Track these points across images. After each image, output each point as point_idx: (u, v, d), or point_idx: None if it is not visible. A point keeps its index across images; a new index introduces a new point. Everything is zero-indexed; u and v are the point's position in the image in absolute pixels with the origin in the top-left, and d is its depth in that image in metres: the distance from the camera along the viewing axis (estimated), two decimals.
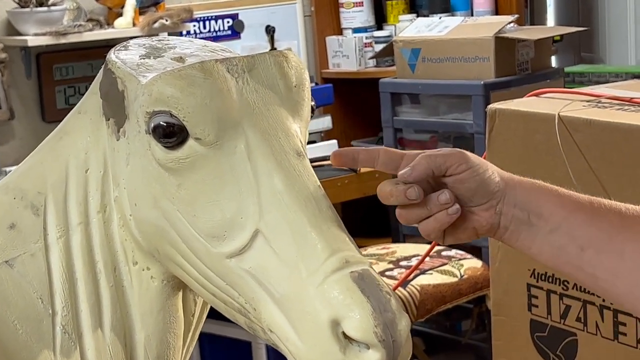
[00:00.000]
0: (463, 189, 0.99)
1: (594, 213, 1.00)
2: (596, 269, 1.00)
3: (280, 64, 1.02)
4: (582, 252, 1.00)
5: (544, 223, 1.00)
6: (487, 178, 0.99)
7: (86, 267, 1.06)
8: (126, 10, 3.40)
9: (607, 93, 1.84)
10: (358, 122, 4.13)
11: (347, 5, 4.09)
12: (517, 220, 1.00)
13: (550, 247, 1.01)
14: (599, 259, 0.99)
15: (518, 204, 1.00)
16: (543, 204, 1.00)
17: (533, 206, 1.00)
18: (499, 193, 0.99)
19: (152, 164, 1.00)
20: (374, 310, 0.90)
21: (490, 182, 0.99)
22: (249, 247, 0.96)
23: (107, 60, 1.06)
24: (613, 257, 0.99)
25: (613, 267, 0.99)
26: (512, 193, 1.00)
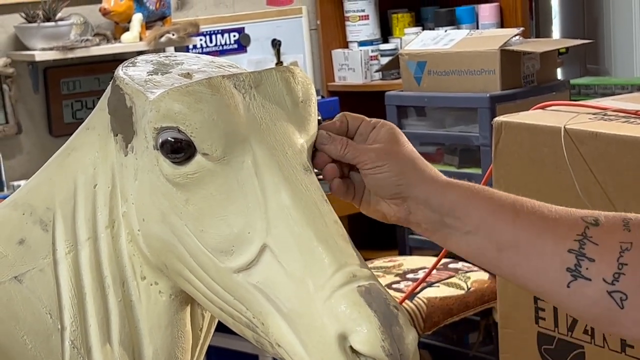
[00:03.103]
0: (366, 180, 1.05)
1: (515, 215, 1.03)
2: (515, 268, 1.03)
3: (287, 79, 1.03)
4: (500, 253, 1.03)
5: (460, 225, 1.03)
6: (389, 179, 1.04)
7: (95, 282, 1.07)
8: (133, 24, 3.42)
9: (613, 105, 1.84)
10: None
11: (352, 19, 4.10)
12: (430, 220, 1.04)
13: (467, 247, 1.04)
14: (517, 260, 1.02)
15: (431, 206, 1.03)
16: (461, 206, 1.03)
17: (449, 208, 1.03)
18: (401, 194, 1.04)
19: (160, 180, 1.00)
20: (381, 325, 0.90)
21: (390, 183, 1.04)
22: (256, 261, 0.96)
23: (115, 76, 1.07)
24: (532, 258, 1.02)
25: (532, 267, 1.02)
26: (426, 195, 1.03)
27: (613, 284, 0.99)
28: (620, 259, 0.99)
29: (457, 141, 3.26)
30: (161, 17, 3.53)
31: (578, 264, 1.00)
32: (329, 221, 0.97)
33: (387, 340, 0.90)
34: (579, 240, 1.00)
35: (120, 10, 3.40)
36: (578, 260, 1.00)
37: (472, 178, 2.88)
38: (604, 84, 3.99)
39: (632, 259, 0.99)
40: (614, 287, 0.99)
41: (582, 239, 1.00)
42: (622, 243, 1.00)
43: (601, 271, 1.00)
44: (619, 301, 0.99)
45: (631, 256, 0.99)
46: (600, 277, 0.99)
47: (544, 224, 1.02)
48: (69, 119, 3.50)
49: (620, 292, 0.99)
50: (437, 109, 3.29)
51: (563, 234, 1.01)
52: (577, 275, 1.00)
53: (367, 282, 0.93)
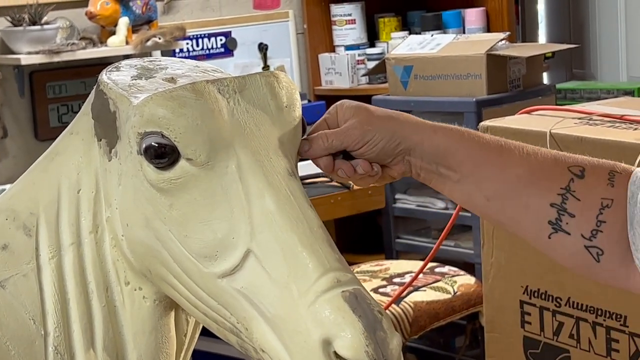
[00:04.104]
0: (368, 156, 1.06)
1: (502, 166, 1.06)
2: (501, 217, 1.08)
3: (271, 84, 1.03)
4: (488, 201, 1.07)
5: (452, 173, 1.07)
6: (385, 146, 1.05)
7: (78, 288, 1.06)
8: (119, 28, 3.41)
9: (599, 110, 1.85)
10: None
11: (339, 23, 4.11)
12: (426, 170, 1.07)
13: (459, 194, 1.08)
14: (503, 209, 1.06)
15: (425, 158, 1.06)
16: (451, 155, 1.06)
17: (441, 159, 1.06)
18: (402, 151, 1.06)
19: (144, 185, 1.00)
20: (366, 330, 0.90)
21: (389, 148, 1.06)
22: (240, 267, 0.96)
23: (99, 81, 1.06)
24: (517, 209, 1.06)
25: (517, 217, 1.06)
26: (420, 148, 1.06)
27: (590, 239, 1.03)
28: (600, 216, 1.03)
29: None
30: (147, 20, 3.52)
31: (559, 218, 1.04)
32: (314, 226, 0.97)
33: (371, 345, 0.90)
34: (562, 195, 1.04)
35: (107, 14, 3.39)
36: (559, 214, 1.03)
37: None
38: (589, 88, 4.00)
39: (611, 216, 1.02)
40: (591, 242, 1.03)
41: (565, 193, 1.04)
42: (603, 199, 1.03)
43: (580, 227, 1.03)
44: (596, 255, 1.03)
45: (610, 213, 1.02)
46: (579, 233, 1.03)
47: (530, 176, 1.05)
48: (55, 123, 3.49)
49: (596, 248, 1.03)
50: (423, 113, 3.29)
51: (547, 187, 1.04)
52: (557, 229, 1.04)
53: (351, 287, 0.93)
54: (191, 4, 3.88)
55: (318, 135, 1.06)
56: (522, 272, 1.85)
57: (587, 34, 4.77)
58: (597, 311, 1.73)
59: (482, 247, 1.92)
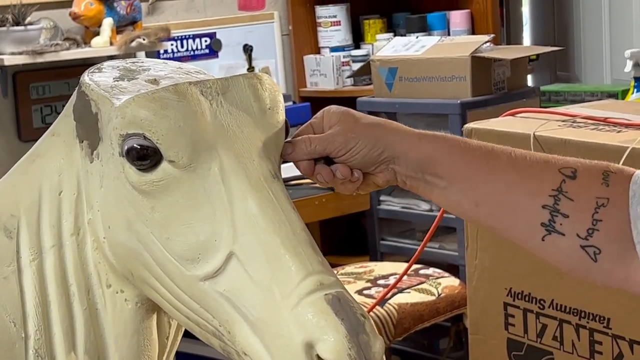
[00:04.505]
0: (351, 163, 1.05)
1: (490, 171, 1.04)
2: (491, 222, 1.06)
3: (255, 86, 1.03)
4: (477, 207, 1.05)
5: (439, 180, 1.05)
6: (367, 154, 1.04)
7: (59, 290, 1.06)
8: (103, 29, 3.39)
9: (583, 113, 1.85)
10: None
11: (324, 24, 4.10)
12: (412, 178, 1.06)
13: (446, 201, 1.07)
14: (493, 215, 1.05)
15: (411, 166, 1.05)
16: (438, 163, 1.05)
17: (427, 167, 1.05)
18: (386, 159, 1.05)
19: (126, 187, 1.00)
20: (348, 333, 0.90)
21: (372, 156, 1.05)
22: (222, 269, 0.96)
23: (81, 82, 1.06)
24: (508, 214, 1.04)
25: (508, 221, 1.04)
26: (404, 156, 1.05)
27: (587, 239, 1.00)
28: (595, 215, 1.00)
29: None
30: (132, 21, 3.51)
31: (552, 220, 1.01)
32: (297, 229, 0.96)
33: (353, 348, 0.90)
34: (554, 196, 1.01)
35: (91, 15, 3.38)
36: (552, 216, 1.01)
37: None
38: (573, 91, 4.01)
39: (607, 215, 1.00)
40: (588, 242, 1.00)
41: (557, 195, 1.01)
42: (598, 198, 1.01)
43: (575, 227, 1.01)
44: (593, 255, 1.00)
45: (606, 212, 1.00)
46: (574, 233, 1.01)
47: (520, 179, 1.03)
48: (38, 124, 3.48)
49: (593, 247, 1.00)
50: (408, 115, 3.30)
51: (537, 189, 1.02)
52: (550, 230, 1.01)
53: (334, 290, 0.92)
54: (176, 4, 3.87)
55: (302, 139, 1.06)
56: (506, 274, 1.86)
57: (572, 37, 4.78)
58: (581, 313, 1.74)
59: (466, 249, 1.92)
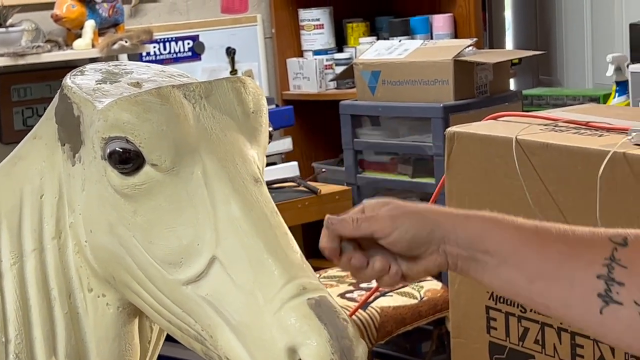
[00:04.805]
0: (397, 248, 1.01)
1: (541, 244, 1.02)
2: (547, 299, 1.02)
3: (238, 89, 1.02)
4: (531, 284, 1.01)
5: (490, 258, 1.01)
6: (416, 233, 1.01)
7: (40, 294, 1.05)
8: (85, 31, 3.38)
9: (565, 117, 1.86)
10: (319, 143, 4.13)
11: (307, 28, 4.10)
12: (463, 258, 1.02)
13: (499, 281, 1.03)
14: (548, 290, 1.01)
15: (461, 244, 1.02)
16: (488, 240, 1.02)
17: (477, 244, 1.02)
18: (436, 239, 1.01)
19: (108, 190, 0.99)
20: (331, 338, 0.90)
21: (421, 236, 1.01)
22: (205, 273, 0.95)
23: (63, 85, 1.05)
24: (563, 287, 1.00)
25: (564, 296, 1.01)
26: (454, 234, 1.02)
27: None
28: None
29: (410, 151, 3.27)
30: (114, 24, 3.49)
31: (608, 289, 0.98)
32: (279, 233, 0.96)
33: (336, 353, 0.90)
34: (607, 265, 0.99)
35: (73, 17, 3.36)
36: (608, 285, 0.98)
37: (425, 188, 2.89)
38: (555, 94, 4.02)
39: None
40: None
41: (610, 263, 0.99)
42: None
43: (632, 294, 0.98)
44: None
45: None
46: (632, 300, 0.98)
47: (570, 250, 1.01)
48: (20, 126, 3.46)
49: None
50: (391, 118, 3.30)
51: (590, 259, 1.00)
52: (608, 301, 0.98)
53: (317, 295, 0.92)
54: (158, 7, 3.86)
55: (347, 217, 1.02)
56: None
57: (554, 41, 4.80)
58: None
59: None
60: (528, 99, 3.90)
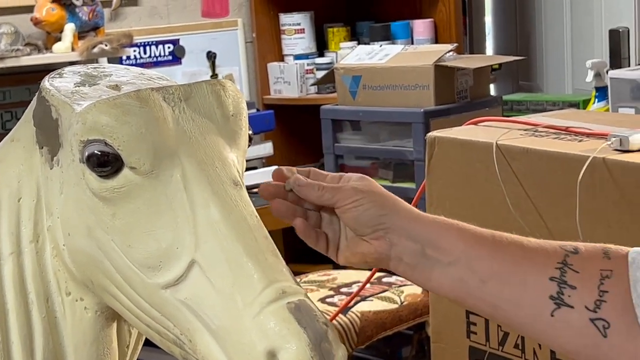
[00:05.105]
0: (347, 216, 1.03)
1: (495, 246, 1.02)
2: (498, 299, 1.02)
3: (218, 92, 1.02)
4: (484, 284, 1.01)
5: (442, 256, 1.02)
6: (371, 212, 1.02)
7: (18, 298, 1.04)
8: (65, 34, 3.37)
9: (544, 122, 1.86)
10: (299, 148, 4.13)
11: (288, 32, 4.10)
12: (411, 252, 1.02)
13: (450, 280, 1.03)
14: (500, 290, 1.01)
15: (412, 237, 1.02)
16: (441, 237, 1.02)
17: (430, 239, 1.02)
18: (385, 225, 1.02)
19: (86, 193, 0.98)
20: (311, 341, 0.89)
21: (374, 215, 1.02)
22: (184, 277, 0.95)
23: (41, 87, 1.04)
24: (515, 288, 1.01)
25: (516, 297, 1.01)
26: (408, 227, 1.02)
27: (595, 311, 0.98)
28: (601, 287, 0.98)
29: (391, 155, 3.27)
30: (94, 27, 3.48)
31: (560, 292, 0.99)
32: (259, 236, 0.96)
33: (316, 357, 0.89)
34: (559, 268, 1.00)
35: (52, 20, 3.35)
36: (560, 288, 0.99)
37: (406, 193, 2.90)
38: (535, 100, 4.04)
39: (613, 286, 0.98)
40: (596, 314, 0.98)
41: (562, 267, 1.00)
42: (602, 271, 0.99)
43: (583, 299, 0.98)
44: (602, 329, 0.98)
45: (612, 284, 0.98)
46: (583, 305, 0.98)
47: (524, 253, 1.02)
48: None
49: (602, 320, 0.98)
50: (371, 123, 3.30)
51: (544, 262, 1.01)
52: (560, 303, 0.99)
53: (297, 299, 0.92)
54: (139, 11, 3.85)
55: (316, 182, 1.05)
56: None
57: (534, 47, 4.82)
58: None
59: None
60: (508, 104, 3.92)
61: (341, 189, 1.03)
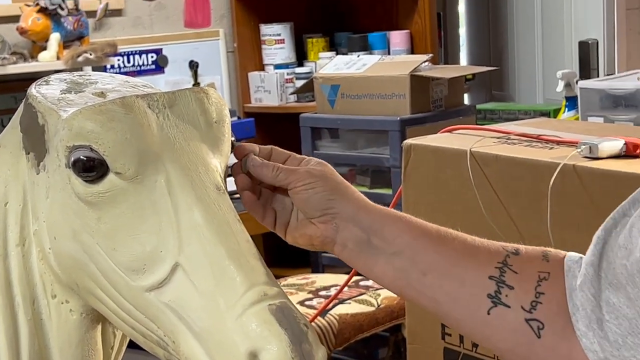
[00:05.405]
0: (297, 197, 1.04)
1: (439, 240, 1.02)
2: (437, 293, 1.02)
3: (201, 100, 1.02)
4: (424, 276, 1.01)
5: (386, 246, 1.02)
6: (321, 195, 1.03)
7: (4, 301, 1.03)
8: (50, 44, 3.35)
9: (516, 130, 1.87)
10: None
11: (269, 42, 4.10)
12: (357, 239, 1.02)
13: (392, 270, 1.03)
14: (440, 284, 1.01)
15: (359, 224, 1.02)
16: (388, 227, 1.02)
17: (376, 228, 1.02)
18: (334, 210, 1.03)
19: (72, 198, 0.98)
20: (291, 342, 0.89)
21: (323, 199, 1.03)
22: (168, 280, 0.94)
23: (28, 94, 1.04)
24: (454, 284, 1.01)
25: (453, 292, 1.01)
26: (357, 214, 1.02)
27: (530, 312, 0.98)
28: (538, 288, 0.99)
29: (368, 162, 3.28)
30: (79, 36, 3.47)
31: (498, 291, 0.99)
32: (241, 240, 0.95)
33: (296, 357, 0.89)
34: (499, 268, 1.00)
35: (38, 30, 3.33)
36: (498, 287, 0.99)
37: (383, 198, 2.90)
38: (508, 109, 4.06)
39: (549, 288, 0.99)
40: (532, 315, 0.98)
41: (502, 267, 1.00)
42: (540, 272, 0.99)
43: (520, 299, 0.99)
44: (536, 330, 0.98)
45: (548, 286, 0.99)
46: (519, 305, 0.98)
47: (467, 251, 1.02)
48: None
49: (537, 321, 0.98)
50: (349, 131, 3.31)
51: (485, 260, 1.01)
52: (497, 302, 0.99)
53: (278, 301, 0.92)
54: (123, 21, 3.84)
55: (272, 163, 1.05)
56: None
57: (506, 58, 4.85)
58: None
59: None
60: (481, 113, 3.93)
61: (296, 171, 1.04)
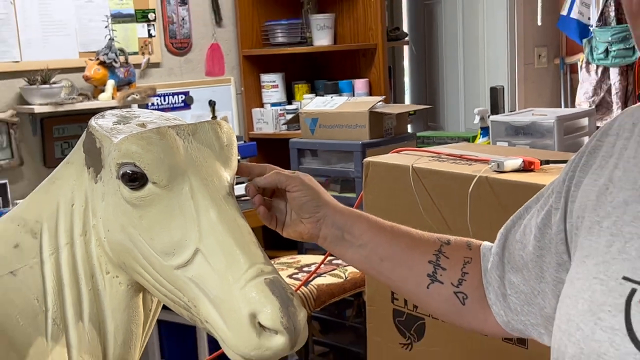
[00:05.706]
0: (294, 202, 1.03)
1: (393, 235, 1.02)
2: (391, 274, 1.02)
3: (216, 129, 1.01)
4: (382, 262, 1.02)
5: (354, 240, 1.02)
6: (309, 201, 1.02)
7: (71, 276, 1.03)
8: (107, 87, 3.34)
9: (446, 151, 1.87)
10: None
11: (267, 87, 4.10)
12: (334, 235, 1.03)
13: (359, 257, 1.03)
14: (393, 267, 1.02)
15: (335, 224, 1.02)
16: (356, 226, 1.03)
17: (348, 227, 1.02)
18: (318, 215, 1.02)
19: (121, 201, 0.97)
20: (281, 306, 0.89)
21: (311, 205, 1.02)
22: (191, 261, 0.94)
23: (89, 125, 1.03)
24: (404, 269, 1.01)
25: (404, 274, 1.02)
26: (333, 217, 1.02)
27: (458, 286, 0.99)
28: (464, 269, 0.99)
29: (339, 174, 3.27)
30: (128, 82, 3.45)
31: (435, 272, 1.00)
32: (245, 232, 0.95)
33: (285, 317, 0.89)
34: (436, 254, 1.00)
35: (98, 77, 3.32)
36: (435, 268, 1.00)
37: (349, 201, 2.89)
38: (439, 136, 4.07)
39: (471, 269, 0.99)
40: (458, 288, 0.99)
41: (438, 254, 1.00)
42: (465, 257, 1.00)
43: (450, 277, 0.99)
44: (462, 299, 0.99)
45: (470, 268, 1.00)
46: (450, 282, 0.99)
47: (412, 242, 1.02)
48: (59, 155, 3.39)
49: (462, 293, 0.99)
50: (325, 151, 3.30)
51: (425, 249, 1.01)
52: (434, 280, 0.99)
53: (271, 276, 0.92)
54: (160, 71, 3.83)
55: (276, 171, 1.05)
56: None
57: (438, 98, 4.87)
58: None
59: None
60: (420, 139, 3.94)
61: (293, 177, 1.03)
